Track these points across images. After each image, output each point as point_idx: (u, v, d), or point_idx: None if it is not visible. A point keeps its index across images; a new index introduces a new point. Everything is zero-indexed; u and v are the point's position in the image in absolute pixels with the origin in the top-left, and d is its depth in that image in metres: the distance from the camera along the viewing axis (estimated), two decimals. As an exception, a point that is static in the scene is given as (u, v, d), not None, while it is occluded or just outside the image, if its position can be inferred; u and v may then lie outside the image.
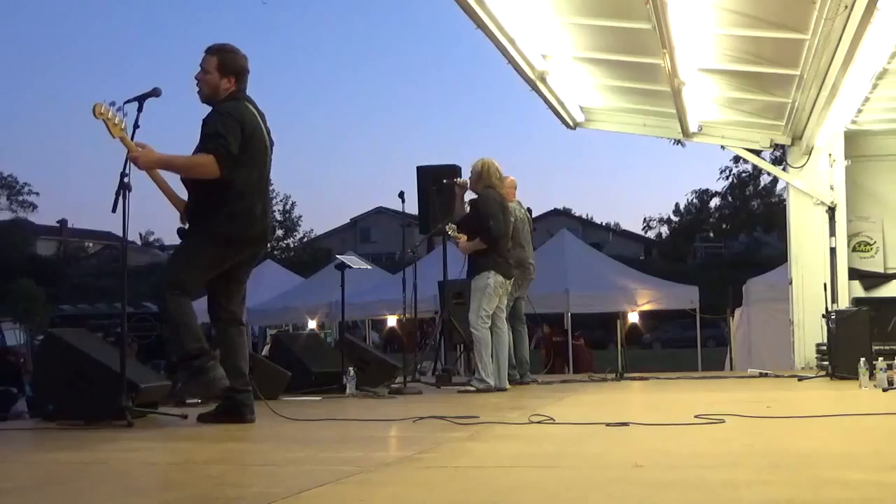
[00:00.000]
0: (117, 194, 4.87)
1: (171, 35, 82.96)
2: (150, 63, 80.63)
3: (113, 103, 4.82)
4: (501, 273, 7.45)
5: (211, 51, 5.00)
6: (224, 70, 4.97)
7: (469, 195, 8.00)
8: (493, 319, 7.49)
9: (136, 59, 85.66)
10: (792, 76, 8.35)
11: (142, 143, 4.88)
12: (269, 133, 5.13)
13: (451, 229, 7.87)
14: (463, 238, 7.69)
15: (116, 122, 4.82)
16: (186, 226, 4.98)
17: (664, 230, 56.07)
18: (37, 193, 58.04)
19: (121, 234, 4.94)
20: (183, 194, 5.04)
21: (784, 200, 12.70)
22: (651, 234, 57.30)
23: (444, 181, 8.39)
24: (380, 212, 54.04)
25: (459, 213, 8.06)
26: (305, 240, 53.44)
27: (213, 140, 4.80)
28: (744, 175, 47.34)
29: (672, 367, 13.95)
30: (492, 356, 7.39)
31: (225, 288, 5.04)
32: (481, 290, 7.37)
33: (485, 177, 7.66)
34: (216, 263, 4.94)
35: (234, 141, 4.81)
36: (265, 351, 11.57)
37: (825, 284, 9.71)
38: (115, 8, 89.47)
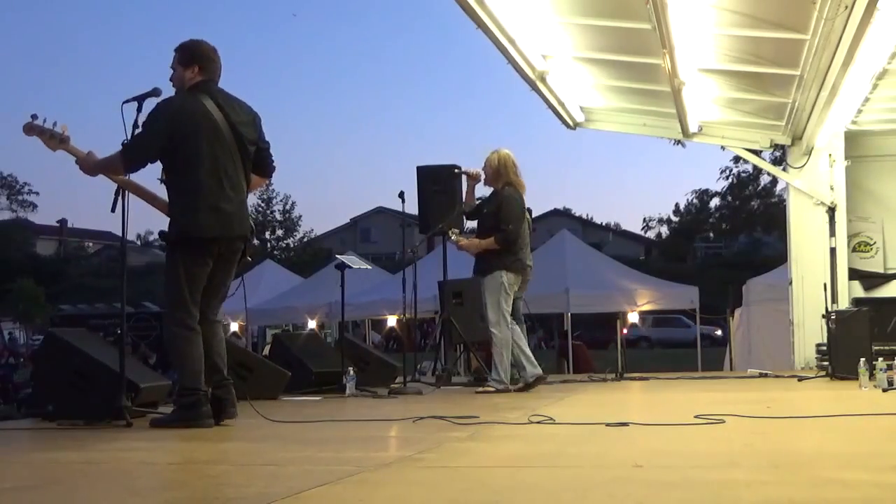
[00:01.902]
0: (116, 194, 4.87)
1: (172, 35, 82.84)
2: (150, 63, 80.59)
3: (35, 116, 4.83)
4: (513, 271, 7.34)
5: (175, 48, 4.97)
6: (185, 61, 4.92)
7: (480, 187, 7.85)
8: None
9: (137, 59, 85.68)
10: (792, 76, 8.35)
11: (92, 151, 4.90)
12: (239, 123, 4.92)
13: (453, 233, 7.78)
14: (464, 241, 7.64)
15: (53, 135, 4.82)
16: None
17: (664, 230, 56.11)
18: (37, 193, 58.18)
19: (120, 234, 4.94)
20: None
21: (784, 200, 12.70)
22: (651, 235, 57.35)
23: (455, 170, 8.18)
24: (380, 212, 54.04)
25: (469, 204, 7.88)
26: (305, 240, 53.42)
27: (131, 137, 4.79)
28: (744, 175, 47.39)
29: (672, 368, 13.95)
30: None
31: (203, 294, 4.90)
32: (496, 289, 7.22)
33: (503, 173, 7.41)
34: (193, 271, 4.82)
35: (150, 138, 4.75)
36: (265, 351, 11.57)
37: (825, 285, 9.71)
38: (115, 8, 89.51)
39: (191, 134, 4.78)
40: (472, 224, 8.30)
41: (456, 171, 8.14)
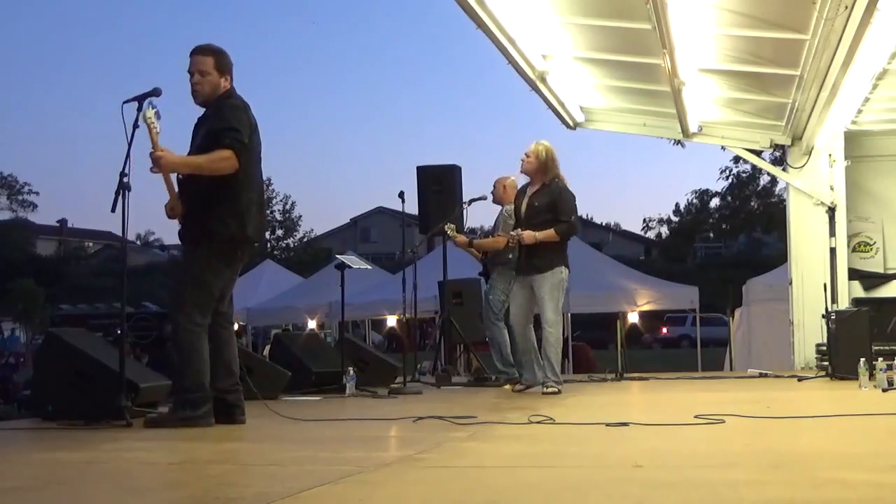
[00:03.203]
0: (117, 194, 4.86)
1: (172, 35, 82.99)
2: (150, 63, 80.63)
3: (156, 109, 4.81)
4: (569, 267, 7.13)
5: (203, 51, 4.96)
6: (221, 69, 4.96)
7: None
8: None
9: (137, 59, 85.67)
10: (792, 76, 8.35)
11: (164, 147, 4.90)
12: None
13: (450, 229, 7.85)
14: (462, 238, 7.63)
15: (158, 128, 4.82)
16: (179, 226, 4.96)
17: (664, 230, 56.09)
18: (37, 193, 58.10)
19: (120, 234, 4.94)
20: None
21: (784, 200, 12.70)
22: (651, 235, 57.33)
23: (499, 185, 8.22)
24: (380, 212, 54.04)
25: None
26: (305, 240, 53.42)
27: (229, 134, 4.76)
28: (743, 175, 47.35)
29: (672, 368, 13.94)
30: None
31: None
32: (558, 286, 6.90)
33: (551, 166, 7.09)
34: (225, 273, 4.91)
35: (246, 135, 4.81)
36: (265, 351, 11.57)
37: (825, 285, 9.70)
38: (115, 8, 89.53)
39: (253, 138, 4.91)
40: (470, 224, 8.26)
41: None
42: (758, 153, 11.72)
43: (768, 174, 29.09)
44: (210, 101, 4.94)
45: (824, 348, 8.69)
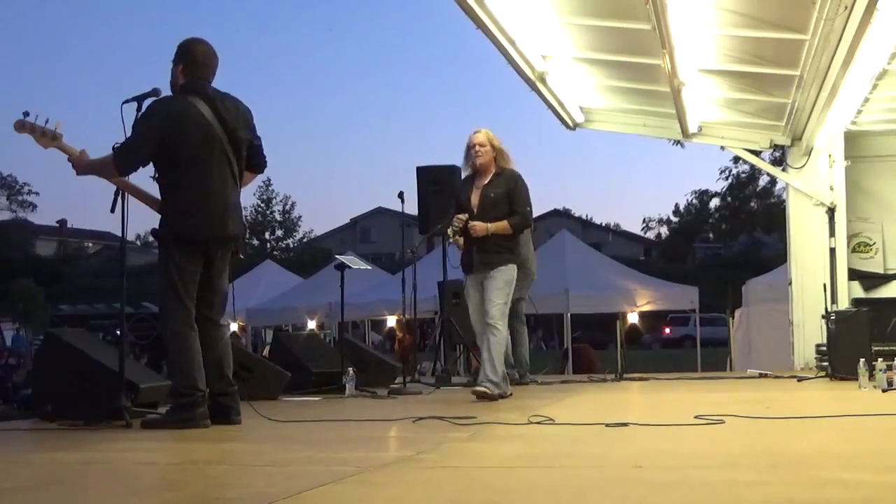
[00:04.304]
0: (116, 194, 4.87)
1: (173, 35, 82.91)
2: (150, 63, 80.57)
3: (26, 113, 4.79)
4: (520, 268, 6.76)
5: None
6: (176, 59, 4.91)
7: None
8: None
9: (138, 59, 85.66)
10: (792, 76, 8.36)
11: (84, 150, 4.88)
12: (228, 121, 4.87)
13: (452, 230, 7.63)
14: (462, 240, 7.38)
15: (46, 133, 4.80)
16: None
17: (664, 231, 56.13)
18: (37, 193, 58.10)
19: (120, 235, 4.94)
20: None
21: (784, 201, 12.70)
22: (651, 235, 57.39)
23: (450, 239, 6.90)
24: (380, 212, 54.05)
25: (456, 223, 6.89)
26: (305, 240, 53.46)
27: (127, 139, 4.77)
28: (743, 176, 47.38)
29: (672, 368, 13.94)
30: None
31: (202, 295, 4.89)
32: (509, 284, 6.47)
33: (506, 152, 6.69)
34: (186, 269, 4.81)
35: (142, 140, 4.72)
36: (265, 351, 11.57)
37: (825, 285, 9.70)
38: (116, 8, 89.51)
39: (182, 136, 4.76)
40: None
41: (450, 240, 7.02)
42: (757, 153, 11.72)
43: (768, 174, 29.09)
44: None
45: (824, 349, 8.69)
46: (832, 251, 10.27)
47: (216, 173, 4.83)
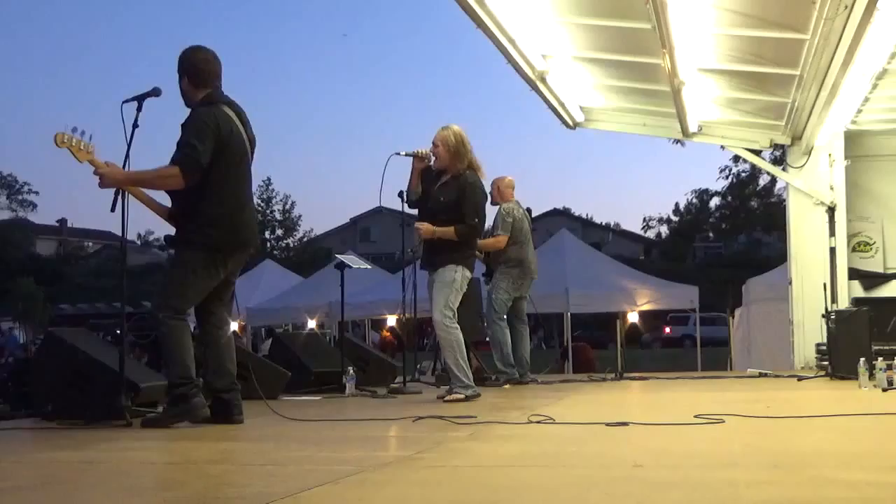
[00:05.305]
0: (116, 194, 4.87)
1: (173, 35, 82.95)
2: (151, 63, 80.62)
3: (74, 129, 4.81)
4: (469, 268, 6.52)
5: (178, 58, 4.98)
6: (180, 72, 4.94)
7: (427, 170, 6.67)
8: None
9: (138, 59, 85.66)
10: (792, 76, 8.35)
11: (110, 162, 4.87)
12: (248, 131, 5.01)
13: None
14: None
15: (81, 147, 4.81)
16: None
17: (664, 230, 56.15)
18: (37, 193, 58.19)
19: (120, 234, 4.94)
20: (165, 200, 5.02)
21: (784, 200, 12.69)
22: (651, 234, 57.40)
23: (397, 154, 6.68)
24: (380, 212, 54.05)
25: (415, 192, 6.72)
26: (305, 240, 53.47)
27: (183, 151, 4.74)
28: (743, 175, 47.39)
29: (672, 368, 13.94)
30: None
31: (215, 293, 4.98)
32: (448, 284, 6.30)
33: (463, 153, 6.39)
34: (209, 276, 4.87)
35: (206, 150, 4.72)
36: (265, 350, 11.55)
37: (825, 284, 9.70)
38: (116, 8, 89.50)
39: (225, 143, 4.82)
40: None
41: (398, 154, 6.70)
42: (757, 153, 11.71)
43: (768, 174, 29.10)
44: (190, 106, 4.93)
45: (824, 348, 8.69)
46: (832, 250, 10.26)
47: (246, 184, 5.00)
